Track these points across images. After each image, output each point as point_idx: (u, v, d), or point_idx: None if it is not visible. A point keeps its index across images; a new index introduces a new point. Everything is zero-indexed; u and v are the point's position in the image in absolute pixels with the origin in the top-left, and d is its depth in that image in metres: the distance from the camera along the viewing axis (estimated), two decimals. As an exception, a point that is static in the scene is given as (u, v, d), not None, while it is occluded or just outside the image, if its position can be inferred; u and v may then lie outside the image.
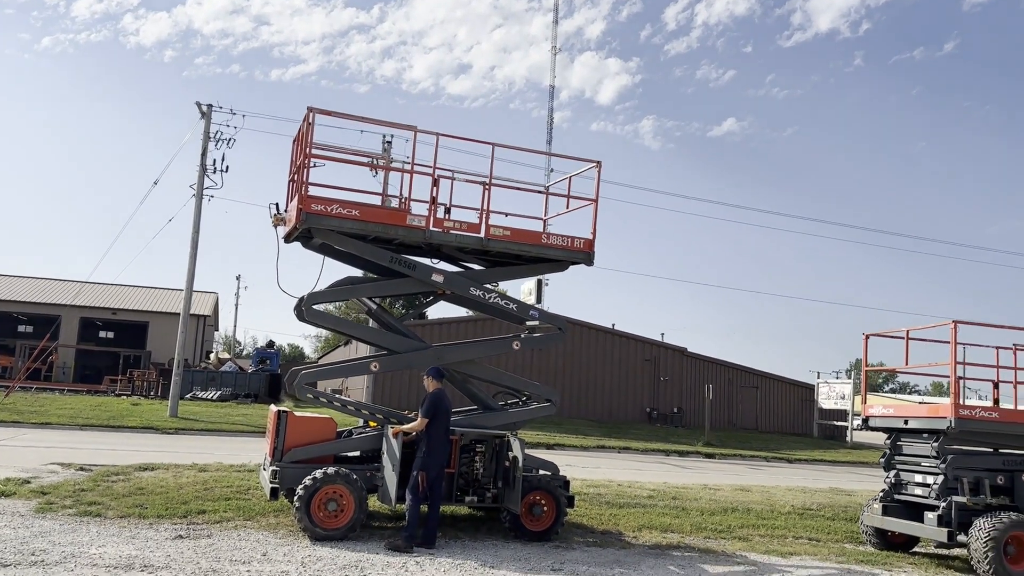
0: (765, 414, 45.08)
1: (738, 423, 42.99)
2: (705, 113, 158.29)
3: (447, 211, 10.43)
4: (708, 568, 9.18)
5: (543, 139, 64.20)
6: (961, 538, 9.90)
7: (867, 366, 12.29)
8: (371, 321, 12.11)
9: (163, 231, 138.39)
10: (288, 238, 10.68)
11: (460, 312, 41.60)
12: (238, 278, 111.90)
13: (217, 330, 73.47)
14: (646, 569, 8.82)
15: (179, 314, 29.92)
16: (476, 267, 11.23)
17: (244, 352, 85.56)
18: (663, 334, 64.36)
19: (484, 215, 10.40)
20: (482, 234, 10.33)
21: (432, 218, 10.16)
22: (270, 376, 41.82)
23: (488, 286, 10.83)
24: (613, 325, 42.11)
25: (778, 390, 46.39)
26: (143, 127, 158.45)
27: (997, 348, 11.31)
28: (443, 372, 9.92)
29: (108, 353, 51.86)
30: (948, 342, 10.48)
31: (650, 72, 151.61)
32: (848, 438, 43.67)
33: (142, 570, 7.22)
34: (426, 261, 10.79)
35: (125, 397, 36.35)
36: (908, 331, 11.20)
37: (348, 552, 8.50)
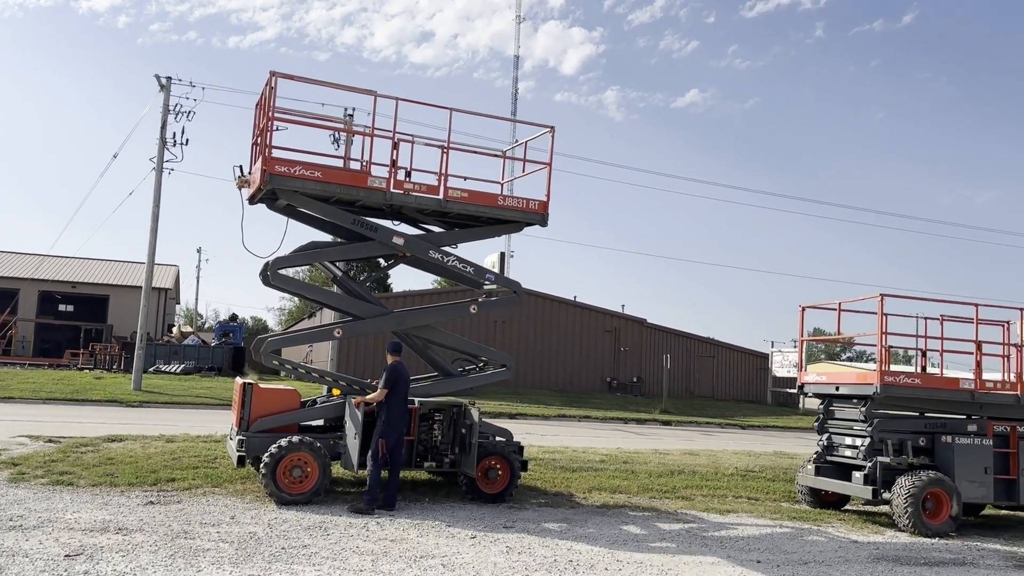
0: (721, 382, 46.37)
1: (695, 391, 44.18)
2: (668, 84, 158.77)
3: (407, 174, 10.86)
4: (649, 524, 9.87)
5: (507, 110, 64.11)
6: (885, 495, 10.70)
7: (803, 336, 13.02)
8: (335, 288, 12.51)
9: (122, 203, 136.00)
10: (252, 200, 11.04)
11: (422, 285, 42.01)
12: (199, 251, 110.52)
13: (179, 303, 72.98)
14: (592, 527, 9.48)
15: (140, 287, 29.99)
16: (436, 229, 11.70)
17: (206, 325, 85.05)
18: (623, 305, 65.51)
19: (443, 178, 10.86)
20: (441, 196, 10.80)
21: (393, 180, 10.58)
22: (233, 349, 41.96)
23: (447, 249, 11.30)
24: (575, 297, 42.89)
25: (734, 359, 47.70)
26: (98, 96, 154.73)
27: (926, 318, 12.10)
28: (401, 346, 10.41)
29: (68, 327, 51.40)
30: (876, 312, 11.20)
31: (614, 42, 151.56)
32: (800, 405, 45.12)
33: (117, 532, 7.67)
34: (387, 224, 11.22)
35: (88, 371, 36.29)
36: (840, 303, 11.93)
37: (313, 515, 9.02)
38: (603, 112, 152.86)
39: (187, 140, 29.59)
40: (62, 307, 55.00)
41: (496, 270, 11.99)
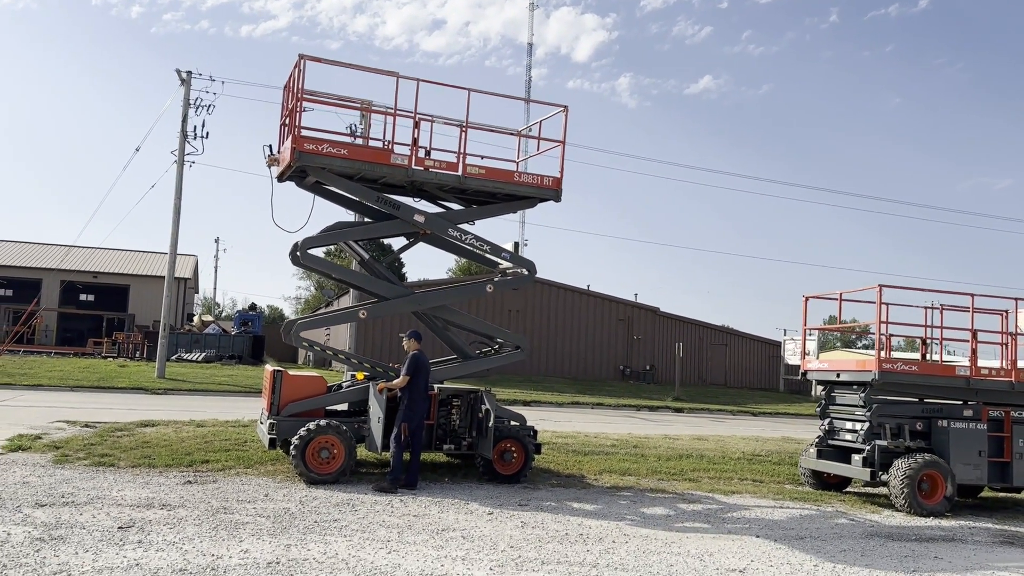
0: (734, 370, 46.81)
1: (708, 379, 44.65)
2: (682, 70, 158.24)
3: (427, 153, 11.42)
4: (657, 503, 10.43)
5: (520, 97, 64.46)
6: (883, 477, 11.19)
7: (806, 325, 13.50)
8: (356, 268, 13.11)
9: (143, 196, 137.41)
10: (281, 177, 11.68)
11: (435, 275, 42.54)
12: (216, 240, 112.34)
13: (197, 292, 74.04)
14: (602, 505, 10.05)
15: (160, 277, 30.81)
16: (455, 206, 12.28)
17: (223, 314, 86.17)
18: (636, 294, 65.89)
19: (461, 156, 11.41)
20: (459, 172, 11.35)
21: (414, 157, 11.15)
22: (253, 338, 42.77)
23: (464, 227, 11.86)
24: (588, 286, 43.38)
25: (746, 347, 48.11)
26: (113, 86, 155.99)
27: (925, 308, 12.54)
28: (422, 336, 10.98)
29: (90, 316, 52.45)
30: (875, 302, 11.65)
31: (626, 28, 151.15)
32: (812, 392, 45.46)
33: (162, 508, 8.30)
34: (408, 201, 11.79)
35: (111, 359, 37.17)
36: (841, 293, 12.41)
37: (341, 493, 9.64)
38: (616, 99, 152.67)
39: (207, 133, 30.29)
40: (83, 297, 56.05)
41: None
